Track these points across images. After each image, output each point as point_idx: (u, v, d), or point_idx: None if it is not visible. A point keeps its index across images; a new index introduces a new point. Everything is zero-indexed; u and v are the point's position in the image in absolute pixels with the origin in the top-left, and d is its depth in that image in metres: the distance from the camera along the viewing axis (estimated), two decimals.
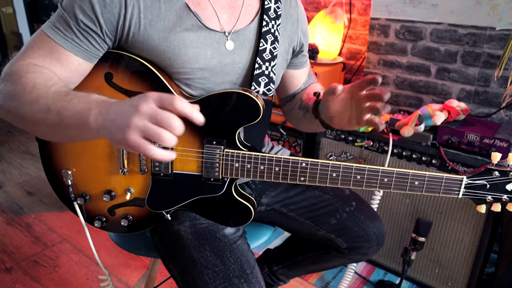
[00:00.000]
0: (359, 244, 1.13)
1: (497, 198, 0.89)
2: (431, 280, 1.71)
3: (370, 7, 2.01)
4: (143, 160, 0.92)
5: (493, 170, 0.88)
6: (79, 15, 0.82)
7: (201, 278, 0.89)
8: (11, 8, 3.34)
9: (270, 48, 0.97)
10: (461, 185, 0.89)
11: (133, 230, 1.01)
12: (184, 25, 0.87)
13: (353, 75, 2.26)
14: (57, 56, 0.83)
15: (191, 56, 0.89)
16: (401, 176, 0.89)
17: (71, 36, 0.83)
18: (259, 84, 0.96)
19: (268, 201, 1.14)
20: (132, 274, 1.85)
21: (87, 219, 1.01)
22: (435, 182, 0.89)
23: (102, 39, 0.85)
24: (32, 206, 2.31)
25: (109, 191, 0.97)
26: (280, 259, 1.32)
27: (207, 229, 0.97)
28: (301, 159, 0.90)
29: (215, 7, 0.91)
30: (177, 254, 0.94)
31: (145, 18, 0.85)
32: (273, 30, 0.97)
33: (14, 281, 1.78)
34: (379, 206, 1.74)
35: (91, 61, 0.87)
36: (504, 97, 1.71)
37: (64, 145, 0.95)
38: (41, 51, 0.83)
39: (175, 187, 0.94)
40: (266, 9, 0.97)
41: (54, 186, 1.00)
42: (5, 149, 3.04)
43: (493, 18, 1.66)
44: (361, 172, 0.89)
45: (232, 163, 0.91)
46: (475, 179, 0.89)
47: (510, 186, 0.88)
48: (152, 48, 0.87)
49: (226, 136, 0.90)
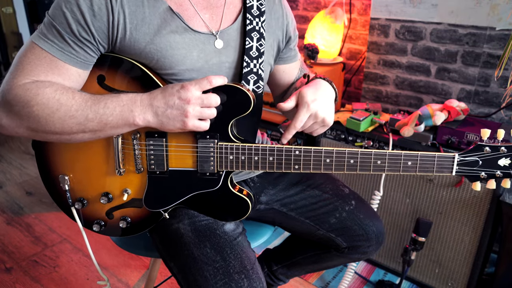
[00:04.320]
0: (358, 243, 1.13)
1: (490, 174, 0.90)
2: (431, 280, 1.71)
3: (370, 7, 2.01)
4: (139, 159, 0.93)
5: (484, 146, 0.89)
6: (72, 26, 0.82)
7: (202, 275, 0.89)
8: (11, 8, 3.34)
9: (257, 46, 0.99)
10: (453, 163, 0.90)
11: (132, 232, 1.01)
12: (169, 27, 0.89)
13: (353, 75, 2.27)
14: (58, 71, 0.84)
15: (178, 58, 0.90)
16: (394, 158, 0.90)
17: (68, 48, 0.84)
18: (248, 82, 0.98)
19: (267, 199, 1.14)
20: (132, 274, 1.85)
21: (85, 223, 1.01)
22: (428, 161, 0.90)
23: (96, 47, 0.86)
24: (32, 206, 2.32)
25: (106, 193, 0.97)
26: (279, 258, 1.32)
27: (207, 226, 0.97)
28: (294, 147, 0.91)
29: (196, 8, 0.93)
30: (177, 252, 0.94)
31: (130, 23, 0.86)
32: (258, 27, 0.99)
33: (14, 281, 1.78)
34: (379, 206, 1.74)
35: (88, 69, 0.89)
36: (504, 97, 1.71)
37: (60, 151, 0.96)
38: (40, 67, 0.83)
39: (172, 184, 0.94)
40: (249, 8, 0.98)
41: (51, 192, 1.01)
42: (5, 149, 3.04)
43: (493, 18, 1.66)
44: (354, 156, 0.90)
45: (226, 155, 0.92)
46: (466, 155, 0.90)
47: (502, 161, 0.89)
48: (139, 52, 0.88)
49: (219, 130, 0.91)
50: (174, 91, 0.83)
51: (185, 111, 0.82)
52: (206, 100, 0.83)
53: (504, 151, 0.88)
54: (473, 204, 1.53)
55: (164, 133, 0.91)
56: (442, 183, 1.57)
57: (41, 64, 0.83)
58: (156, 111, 0.83)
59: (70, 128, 0.83)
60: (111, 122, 0.83)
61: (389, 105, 2.10)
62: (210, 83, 0.84)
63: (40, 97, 0.81)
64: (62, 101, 0.82)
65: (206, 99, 0.83)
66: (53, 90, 0.82)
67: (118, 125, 0.84)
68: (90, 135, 0.86)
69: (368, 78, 2.11)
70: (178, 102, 0.82)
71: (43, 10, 3.73)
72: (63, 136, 0.85)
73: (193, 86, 0.83)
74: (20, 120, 0.83)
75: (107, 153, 0.94)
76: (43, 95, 0.81)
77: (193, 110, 0.82)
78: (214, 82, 0.84)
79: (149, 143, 0.91)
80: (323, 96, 0.92)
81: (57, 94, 0.82)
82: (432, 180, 1.60)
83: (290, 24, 1.09)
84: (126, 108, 0.83)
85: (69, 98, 0.82)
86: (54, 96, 0.81)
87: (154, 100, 0.84)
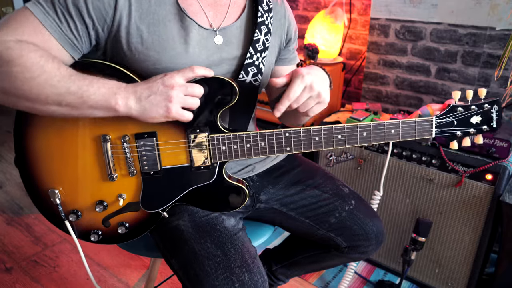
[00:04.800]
0: (358, 242, 1.13)
1: (465, 131, 0.97)
2: (431, 280, 1.71)
3: (370, 7, 2.01)
4: (131, 161, 0.92)
5: (457, 107, 0.96)
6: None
7: (203, 269, 0.89)
8: (11, 8, 3.34)
9: (263, 40, 1.00)
10: (432, 125, 0.96)
11: (132, 237, 0.99)
12: (174, 20, 0.89)
13: (353, 75, 2.27)
14: (42, 38, 0.82)
15: (179, 51, 0.90)
16: (378, 128, 0.94)
17: (54, 17, 0.82)
18: (247, 73, 0.98)
19: (267, 198, 1.14)
20: (132, 274, 1.85)
21: (82, 235, 0.98)
22: (408, 126, 0.95)
23: (86, 27, 0.85)
24: (32, 206, 2.30)
25: (101, 201, 0.95)
26: (279, 258, 1.32)
27: (207, 222, 0.97)
28: (284, 130, 0.92)
29: (202, 4, 0.94)
30: (178, 248, 0.94)
31: (136, 11, 0.86)
32: (267, 22, 1.00)
33: (14, 281, 1.78)
34: (379, 206, 1.74)
35: (70, 50, 0.86)
36: (504, 97, 1.71)
37: (46, 163, 0.93)
38: (26, 29, 0.81)
39: (167, 182, 0.94)
40: (260, 1, 1.00)
41: (41, 208, 0.97)
42: (5, 149, 3.04)
43: (493, 18, 1.66)
44: (341, 131, 0.93)
45: (219, 146, 0.92)
46: (442, 117, 0.96)
47: (474, 119, 0.96)
48: (141, 42, 0.88)
49: (208, 122, 0.91)
50: (158, 78, 0.83)
51: (169, 96, 0.82)
52: (190, 88, 0.84)
53: (475, 109, 0.96)
54: (473, 204, 1.53)
55: (154, 133, 0.90)
56: (442, 183, 1.57)
57: (27, 26, 0.81)
58: (140, 96, 0.82)
59: (46, 97, 0.79)
60: (92, 101, 0.80)
61: (389, 105, 2.10)
62: (193, 72, 0.84)
63: (24, 59, 0.77)
64: (46, 68, 0.78)
65: (190, 87, 0.84)
66: (39, 55, 0.79)
67: (98, 106, 0.81)
68: (64, 110, 0.82)
69: (368, 78, 2.11)
70: (162, 88, 0.82)
71: None
72: (35, 105, 0.81)
73: (177, 74, 0.83)
74: None
75: (97, 160, 0.92)
76: (27, 58, 0.77)
77: (176, 96, 0.82)
78: (197, 71, 0.84)
79: (140, 144, 0.90)
80: (317, 73, 0.90)
81: (42, 60, 0.79)
82: (432, 180, 1.60)
83: (291, 25, 1.11)
84: (110, 90, 0.81)
85: (54, 67, 0.79)
86: (38, 62, 0.78)
87: (138, 87, 0.83)
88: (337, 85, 2.11)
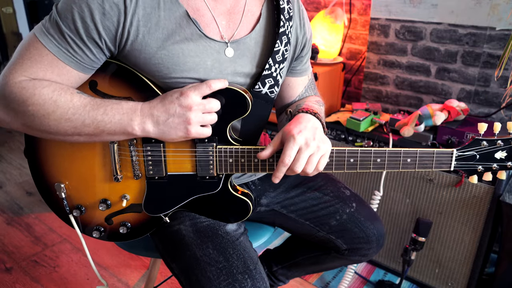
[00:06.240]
0: (359, 245, 1.13)
1: (487, 167, 0.91)
2: (431, 280, 1.71)
3: (370, 7, 2.01)
4: (136, 165, 0.92)
5: (481, 140, 0.90)
6: (78, 23, 0.78)
7: (205, 275, 0.88)
8: (11, 8, 3.34)
9: (283, 50, 0.95)
10: (452, 158, 0.91)
11: (133, 237, 1.00)
12: (183, 34, 0.85)
13: (353, 75, 2.26)
14: (58, 71, 0.82)
15: (191, 66, 0.87)
16: (393, 155, 0.90)
17: (68, 48, 0.80)
18: (264, 84, 0.94)
19: (268, 201, 1.14)
20: (132, 274, 1.85)
21: (84, 230, 1.00)
22: (427, 157, 0.90)
23: (100, 49, 0.82)
24: (32, 206, 2.31)
25: (105, 200, 0.96)
26: (279, 259, 1.32)
27: (209, 227, 0.96)
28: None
29: (214, 13, 0.89)
30: (179, 253, 0.94)
31: (144, 26, 0.82)
32: (287, 31, 0.95)
33: (14, 281, 1.78)
34: (379, 206, 1.74)
35: (89, 73, 0.86)
36: (504, 97, 1.71)
37: (55, 158, 0.94)
38: (40, 65, 0.80)
39: (171, 188, 0.94)
40: (282, 9, 0.94)
41: (47, 201, 0.99)
42: (5, 149, 3.04)
43: (493, 18, 1.66)
44: (354, 155, 0.90)
45: (226, 159, 0.91)
46: (464, 150, 0.91)
47: (498, 154, 0.90)
48: (150, 57, 0.84)
49: (217, 133, 0.89)
50: (174, 99, 0.81)
51: (187, 119, 0.81)
52: (207, 106, 0.82)
53: (500, 145, 0.89)
54: (473, 204, 1.53)
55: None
56: (442, 183, 1.57)
57: (42, 62, 0.80)
58: (157, 120, 0.82)
59: (65, 130, 0.82)
60: (108, 129, 0.82)
61: (389, 105, 2.10)
62: (210, 88, 0.82)
63: (36, 97, 0.79)
64: (59, 103, 0.80)
65: (208, 104, 0.82)
66: (51, 91, 0.79)
67: (116, 133, 0.83)
68: (85, 138, 0.84)
69: (368, 78, 2.11)
70: (179, 109, 0.81)
71: (43, 10, 3.74)
72: (57, 136, 0.84)
73: (193, 92, 0.81)
74: (16, 116, 0.81)
75: (103, 160, 0.93)
76: (39, 96, 0.79)
77: (195, 117, 0.81)
78: (214, 86, 0.82)
79: (146, 149, 0.90)
80: (308, 126, 0.86)
81: (54, 95, 0.79)
82: (432, 180, 1.60)
83: (307, 34, 1.04)
84: (125, 116, 0.81)
85: (67, 101, 0.80)
86: (51, 97, 0.79)
87: (154, 109, 0.82)
88: (337, 85, 2.10)
